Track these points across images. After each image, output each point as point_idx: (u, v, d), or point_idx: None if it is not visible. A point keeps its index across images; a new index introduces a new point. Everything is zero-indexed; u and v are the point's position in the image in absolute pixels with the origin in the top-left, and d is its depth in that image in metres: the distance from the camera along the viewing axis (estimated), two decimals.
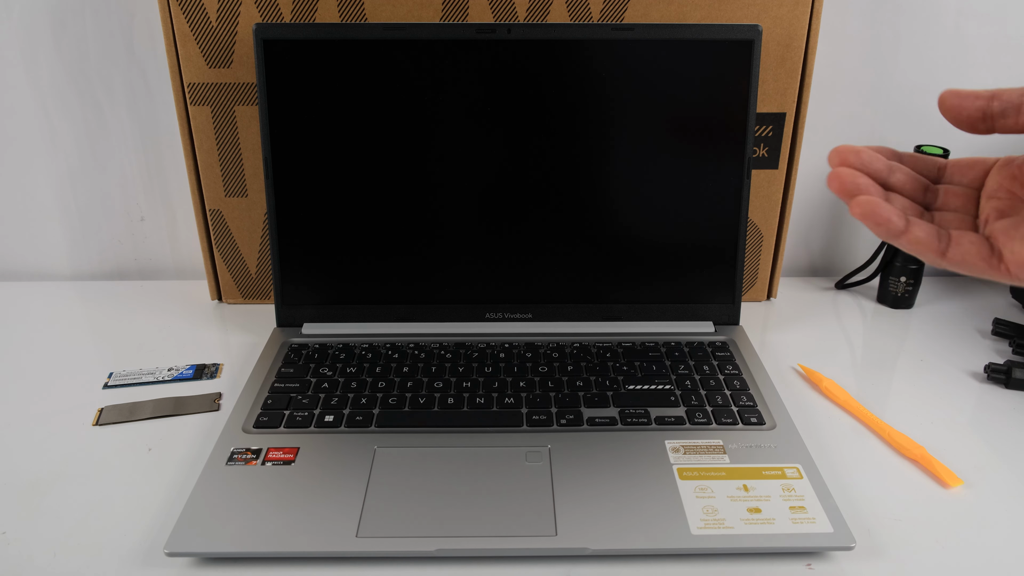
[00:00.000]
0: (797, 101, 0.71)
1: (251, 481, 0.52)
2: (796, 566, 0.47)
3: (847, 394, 0.63)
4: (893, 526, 0.50)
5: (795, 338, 0.73)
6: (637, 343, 0.67)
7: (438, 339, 0.68)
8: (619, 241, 0.68)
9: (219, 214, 0.75)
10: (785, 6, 0.67)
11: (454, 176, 0.66)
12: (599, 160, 0.65)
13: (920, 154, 0.43)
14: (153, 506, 0.52)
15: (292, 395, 0.61)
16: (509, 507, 0.49)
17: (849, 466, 0.56)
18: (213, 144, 0.71)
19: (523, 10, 0.67)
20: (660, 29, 0.63)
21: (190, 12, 0.66)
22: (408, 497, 0.50)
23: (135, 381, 0.65)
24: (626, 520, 0.48)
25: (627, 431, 0.56)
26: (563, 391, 0.61)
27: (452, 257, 0.68)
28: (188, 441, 0.58)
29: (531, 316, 0.70)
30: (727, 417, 0.58)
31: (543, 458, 0.54)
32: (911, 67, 0.78)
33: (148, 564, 0.47)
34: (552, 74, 0.63)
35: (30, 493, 0.53)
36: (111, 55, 0.76)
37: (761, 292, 0.80)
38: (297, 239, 0.67)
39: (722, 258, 0.68)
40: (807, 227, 0.85)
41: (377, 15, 0.67)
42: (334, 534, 0.47)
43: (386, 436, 0.56)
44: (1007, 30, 0.76)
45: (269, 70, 0.63)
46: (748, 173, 0.66)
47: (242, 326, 0.75)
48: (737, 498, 0.50)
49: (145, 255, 0.86)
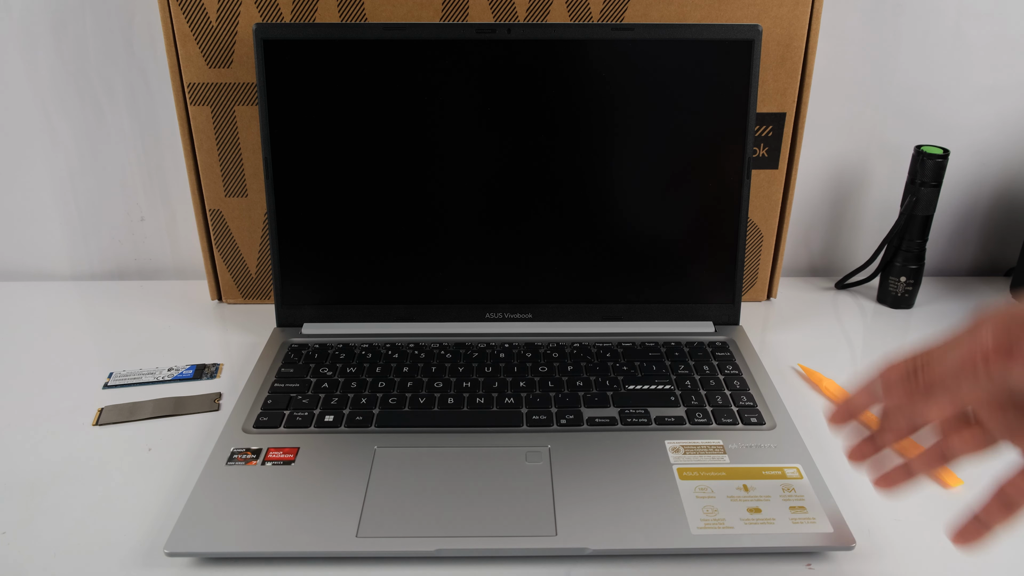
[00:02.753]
0: (797, 101, 0.71)
1: (251, 481, 0.52)
2: (796, 566, 0.47)
3: (847, 394, 0.63)
4: (893, 526, 0.50)
5: (795, 338, 0.73)
6: (637, 343, 0.67)
7: (438, 339, 0.68)
8: (619, 241, 0.68)
9: (219, 214, 0.75)
10: (785, 6, 0.67)
11: (454, 176, 0.66)
12: (599, 160, 0.65)
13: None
14: (153, 506, 0.52)
15: (292, 395, 0.61)
16: (509, 507, 0.49)
17: (849, 466, 0.56)
18: (213, 144, 0.71)
19: (523, 10, 0.67)
20: (660, 29, 0.63)
21: (190, 12, 0.66)
22: (408, 497, 0.50)
23: (135, 381, 0.65)
24: (626, 520, 0.48)
25: (627, 431, 0.56)
26: (563, 391, 0.61)
27: (452, 257, 0.68)
28: (188, 441, 0.58)
29: (531, 316, 0.70)
30: (727, 417, 0.58)
31: (543, 458, 0.54)
32: (911, 67, 0.78)
33: (148, 564, 0.47)
34: (552, 74, 0.63)
35: (30, 493, 0.53)
36: (111, 55, 0.76)
37: (761, 292, 0.80)
38: (297, 239, 0.67)
39: (722, 258, 0.68)
40: (807, 227, 0.85)
41: (377, 15, 0.67)
42: (334, 534, 0.47)
43: (386, 436, 0.56)
44: (1007, 30, 0.76)
45: (269, 70, 0.63)
46: (748, 173, 0.66)
47: (242, 326, 0.75)
48: (737, 498, 0.50)
49: (145, 255, 0.86)
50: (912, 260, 0.76)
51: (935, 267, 0.87)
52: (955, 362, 0.36)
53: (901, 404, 0.40)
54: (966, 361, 0.35)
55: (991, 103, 0.79)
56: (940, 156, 0.72)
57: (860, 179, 0.83)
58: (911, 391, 0.38)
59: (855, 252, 0.87)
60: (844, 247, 0.87)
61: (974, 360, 0.34)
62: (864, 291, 0.82)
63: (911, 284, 0.77)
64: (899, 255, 0.76)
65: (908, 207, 0.74)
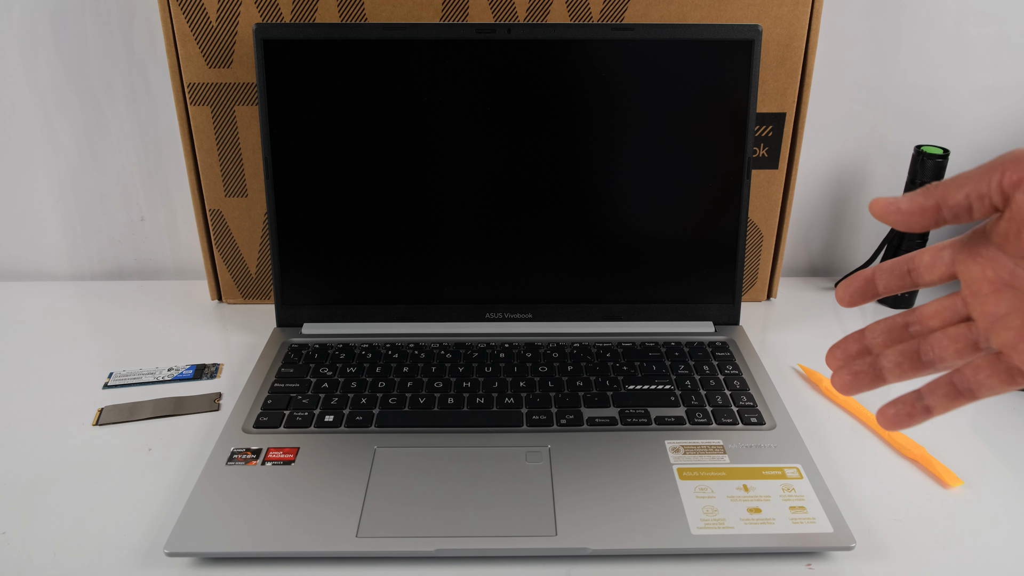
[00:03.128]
0: (797, 101, 0.71)
1: (251, 481, 0.52)
2: (796, 566, 0.47)
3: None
4: (893, 526, 0.50)
5: (795, 338, 0.73)
6: (637, 343, 0.67)
7: (438, 339, 0.68)
8: (619, 241, 0.68)
9: (219, 214, 0.75)
10: (785, 6, 0.67)
11: (454, 176, 0.66)
12: (599, 160, 0.65)
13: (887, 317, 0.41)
14: (153, 506, 0.52)
15: (292, 395, 0.61)
16: (509, 507, 0.49)
17: (849, 466, 0.56)
18: (213, 144, 0.71)
19: (523, 10, 0.67)
20: (660, 29, 0.63)
21: (190, 12, 0.66)
22: (408, 497, 0.50)
23: (135, 381, 0.65)
24: (626, 520, 0.48)
25: (627, 431, 0.56)
26: (563, 391, 0.61)
27: (452, 257, 0.68)
28: (188, 441, 0.58)
29: (531, 316, 0.70)
30: (727, 417, 0.58)
31: (543, 458, 0.54)
32: (911, 67, 0.78)
33: (148, 564, 0.47)
34: (552, 74, 0.63)
35: (30, 493, 0.53)
36: (111, 55, 0.76)
37: (761, 292, 0.80)
38: (297, 239, 0.67)
39: (722, 258, 0.68)
40: (807, 227, 0.85)
41: (377, 15, 0.67)
42: (334, 534, 0.47)
43: (386, 436, 0.56)
44: (1007, 30, 0.76)
45: (269, 70, 0.63)
46: (748, 173, 0.66)
47: (242, 326, 0.75)
48: (737, 498, 0.50)
49: (145, 255, 0.86)
50: None
51: None
52: (967, 174, 0.33)
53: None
54: (982, 173, 0.33)
55: (991, 103, 0.79)
56: (940, 156, 0.72)
57: (860, 179, 0.83)
58: (922, 209, 0.35)
59: (855, 252, 0.87)
60: (844, 247, 0.87)
61: (988, 175, 0.32)
62: None
63: None
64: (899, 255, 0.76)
65: None
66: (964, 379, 0.36)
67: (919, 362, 0.38)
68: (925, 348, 0.38)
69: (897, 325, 0.40)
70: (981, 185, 0.33)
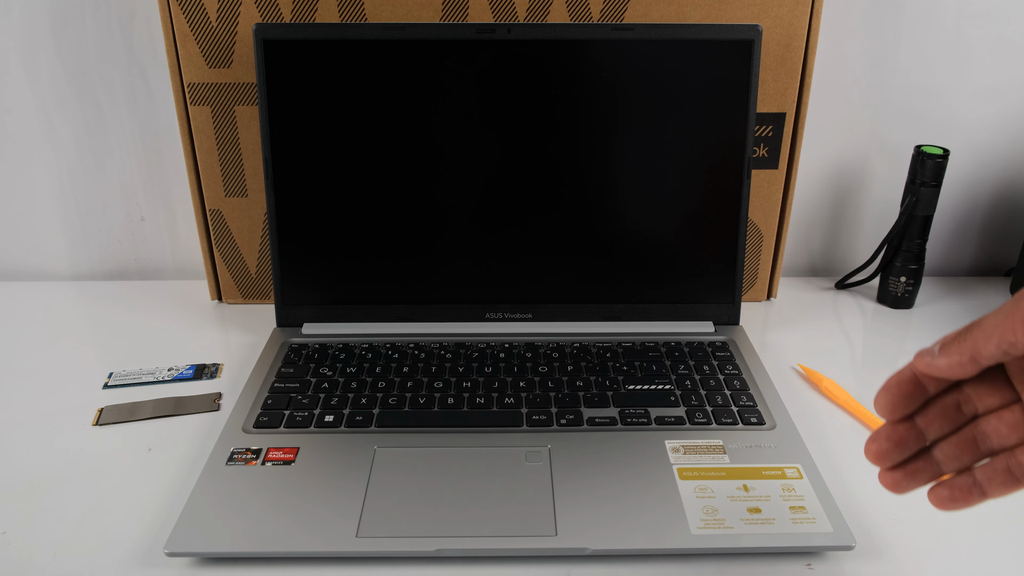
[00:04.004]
0: (797, 101, 0.71)
1: (251, 481, 0.52)
2: (796, 566, 0.47)
3: (847, 394, 0.63)
4: (893, 526, 0.50)
5: (795, 338, 0.73)
6: (637, 343, 0.67)
7: (438, 339, 0.68)
8: (619, 241, 0.68)
9: (219, 214, 0.75)
10: (785, 6, 0.67)
11: (454, 176, 0.66)
12: (599, 160, 0.65)
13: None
14: (153, 506, 0.52)
15: (292, 395, 0.61)
16: (509, 507, 0.49)
17: (849, 466, 0.56)
18: (213, 144, 0.71)
19: (523, 10, 0.67)
20: (660, 29, 0.63)
21: (190, 12, 0.66)
22: (408, 497, 0.50)
23: (135, 381, 0.65)
24: (626, 520, 0.48)
25: (627, 431, 0.56)
26: (563, 391, 0.61)
27: (452, 257, 0.68)
28: (188, 441, 0.58)
29: (531, 316, 0.70)
30: (727, 417, 0.58)
31: (543, 458, 0.54)
32: (911, 67, 0.78)
33: (148, 564, 0.47)
34: (552, 74, 0.63)
35: (30, 493, 0.53)
36: (111, 55, 0.76)
37: (761, 292, 0.80)
38: (297, 239, 0.67)
39: (722, 258, 0.68)
40: (807, 227, 0.85)
41: (377, 15, 0.67)
42: (334, 534, 0.47)
43: (386, 436, 0.56)
44: (1007, 30, 0.76)
45: (269, 70, 0.63)
46: (748, 173, 0.66)
47: (242, 326, 0.75)
48: (737, 498, 0.50)
49: (145, 255, 0.86)
50: (912, 260, 0.76)
51: (935, 267, 0.87)
52: (993, 321, 0.33)
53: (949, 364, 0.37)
54: (1005, 319, 0.33)
55: (991, 103, 0.79)
56: (940, 156, 0.72)
57: (860, 179, 0.83)
58: (958, 350, 0.34)
59: (855, 252, 0.87)
60: (844, 247, 0.87)
61: (1012, 324, 0.32)
62: (864, 291, 0.82)
63: (911, 284, 0.77)
64: (899, 255, 0.76)
65: (908, 207, 0.74)
66: (1021, 466, 0.36)
67: (977, 451, 0.37)
68: (981, 436, 0.37)
69: (949, 407, 0.38)
70: (1007, 335, 0.33)
